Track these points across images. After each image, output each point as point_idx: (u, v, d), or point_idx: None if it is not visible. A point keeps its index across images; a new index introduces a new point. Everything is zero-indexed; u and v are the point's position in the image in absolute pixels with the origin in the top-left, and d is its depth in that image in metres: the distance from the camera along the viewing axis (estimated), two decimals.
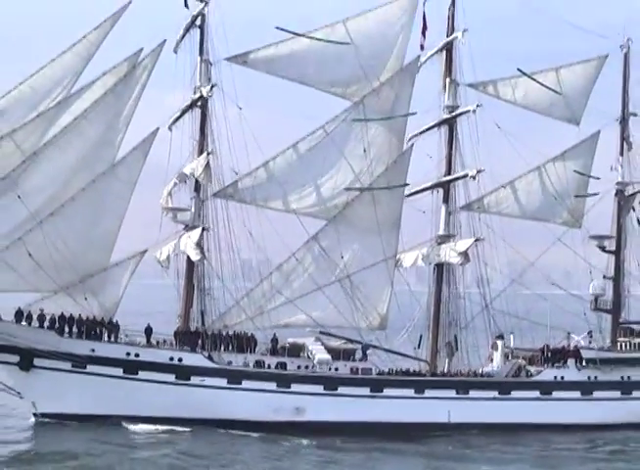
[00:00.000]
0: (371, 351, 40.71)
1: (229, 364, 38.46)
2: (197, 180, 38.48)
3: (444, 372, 41.63)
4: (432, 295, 42.56)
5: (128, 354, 37.21)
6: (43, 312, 36.38)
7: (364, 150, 40.78)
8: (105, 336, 37.15)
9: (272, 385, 38.34)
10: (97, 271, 37.84)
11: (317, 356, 38.69)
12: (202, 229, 37.68)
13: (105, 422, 36.20)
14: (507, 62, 44.88)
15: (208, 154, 38.09)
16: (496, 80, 43.50)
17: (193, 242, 36.95)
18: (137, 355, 37.25)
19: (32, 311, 36.50)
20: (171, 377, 37.53)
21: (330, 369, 39.24)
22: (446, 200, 42.57)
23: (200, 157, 38.00)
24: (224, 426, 36.92)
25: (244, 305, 39.45)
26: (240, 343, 38.71)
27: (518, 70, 42.59)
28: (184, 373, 37.57)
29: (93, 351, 36.73)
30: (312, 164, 40.09)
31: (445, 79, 42.60)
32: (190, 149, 39.53)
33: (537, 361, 42.74)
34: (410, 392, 39.91)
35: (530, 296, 45.21)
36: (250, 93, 39.37)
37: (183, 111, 39.33)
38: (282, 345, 39.47)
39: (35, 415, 36.48)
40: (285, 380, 38.72)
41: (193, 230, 37.50)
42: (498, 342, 42.58)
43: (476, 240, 40.85)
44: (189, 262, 38.32)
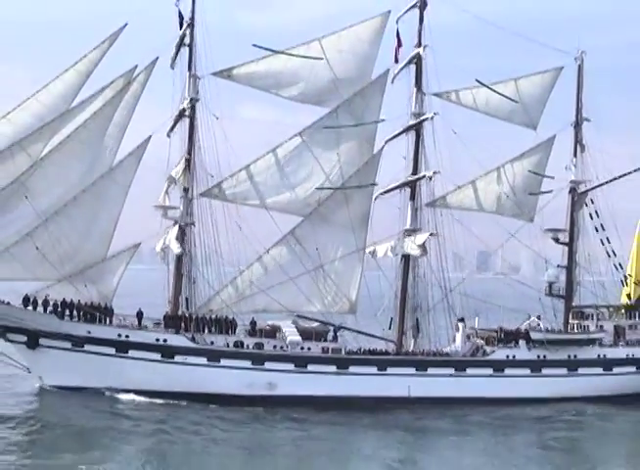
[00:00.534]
0: (341, 332, 41.85)
1: (211, 345, 39.71)
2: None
3: (409, 351, 42.94)
4: (399, 282, 43.87)
5: (120, 336, 38.85)
6: (47, 298, 38.09)
7: (337, 154, 42.38)
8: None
9: (247, 363, 39.69)
10: (95, 263, 39.56)
11: (288, 338, 40.17)
12: (179, 226, 39.66)
13: (99, 394, 38.14)
14: (473, 74, 46.47)
15: (187, 160, 40.06)
16: (459, 90, 45.29)
17: (172, 237, 39.11)
18: (127, 337, 38.92)
19: (38, 297, 38.34)
20: (157, 356, 39.06)
21: (302, 349, 40.52)
22: (413, 197, 44.03)
23: (181, 161, 40.14)
24: (204, 400, 38.21)
25: (227, 292, 41.02)
26: (221, 325, 40.08)
27: (476, 81, 44.21)
28: (168, 352, 39.09)
29: (89, 332, 38.52)
30: (288, 167, 41.77)
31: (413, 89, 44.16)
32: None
33: (493, 342, 43.90)
34: (373, 369, 41.09)
35: (492, 281, 47.32)
36: (239, 103, 41.79)
37: (175, 120, 41.14)
38: (260, 327, 40.80)
39: (40, 387, 38.68)
40: (259, 358, 39.99)
41: (174, 227, 39.63)
42: (459, 324, 44.20)
43: (430, 234, 42.43)
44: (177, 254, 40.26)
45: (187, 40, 40.79)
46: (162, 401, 38.26)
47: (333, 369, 40.75)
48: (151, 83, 40.73)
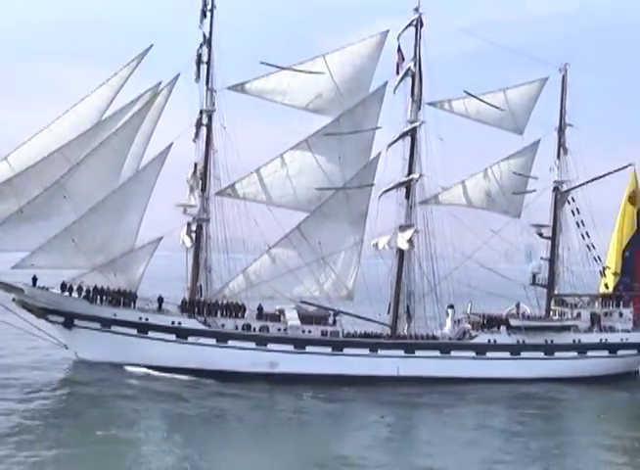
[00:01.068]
0: (340, 316, 44.05)
1: (222, 327, 42.10)
2: (204, 182, 43.26)
3: (401, 335, 45.07)
4: (394, 272, 46.10)
5: (140, 318, 41.47)
6: (81, 285, 40.97)
7: (339, 157, 44.79)
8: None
9: (252, 344, 41.96)
10: (123, 254, 42.10)
11: (289, 322, 42.60)
12: (187, 223, 42.50)
13: (123, 368, 40.69)
14: (466, 85, 49.09)
15: (195, 164, 42.86)
16: (451, 99, 47.59)
17: (184, 233, 42.11)
18: (147, 319, 41.46)
19: (73, 284, 41.15)
20: (173, 337, 41.55)
21: (304, 332, 42.75)
22: (407, 196, 46.31)
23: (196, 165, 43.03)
24: (213, 376, 40.27)
25: (238, 281, 43.48)
26: (231, 310, 42.64)
27: (464, 92, 46.77)
28: (182, 334, 41.58)
29: (115, 315, 41.29)
30: (294, 169, 44.25)
31: (408, 99, 46.40)
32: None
33: (478, 327, 46.02)
34: (365, 351, 43.18)
35: (482, 271, 48.88)
36: (250, 114, 44.84)
37: (196, 128, 43.83)
38: (266, 312, 43.22)
39: (75, 360, 42.00)
40: (262, 340, 42.23)
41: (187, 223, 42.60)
42: (449, 310, 46.43)
43: (415, 230, 44.85)
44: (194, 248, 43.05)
45: (205, 58, 43.44)
46: (177, 377, 40.37)
47: (328, 350, 42.71)
48: (174, 95, 43.51)
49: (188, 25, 43.93)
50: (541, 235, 49.42)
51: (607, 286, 50.46)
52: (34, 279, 41.06)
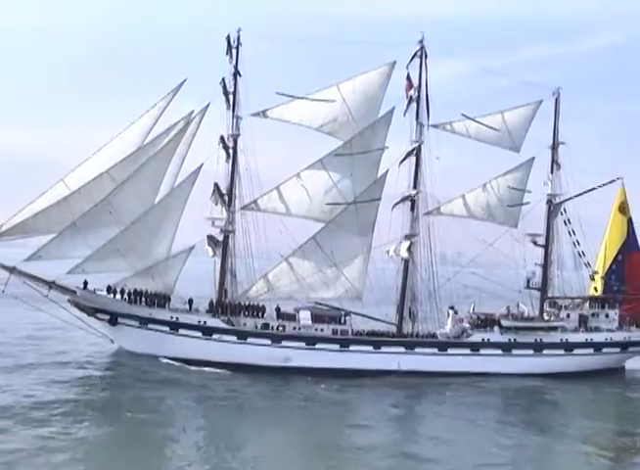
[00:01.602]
0: (350, 316, 46.98)
1: (244, 326, 45.22)
2: (230, 199, 47.27)
3: (406, 333, 47.80)
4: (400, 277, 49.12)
5: (172, 318, 44.73)
6: (123, 288, 44.69)
7: (350, 174, 48.04)
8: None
9: (268, 341, 44.97)
10: (160, 261, 45.52)
11: (301, 322, 45.87)
12: (207, 236, 46.02)
13: (157, 359, 44.09)
14: (466, 107, 52.29)
15: (215, 184, 46.47)
16: (453, 121, 50.70)
17: (206, 245, 45.81)
18: (177, 319, 44.68)
19: (117, 287, 44.99)
20: (199, 334, 44.67)
21: (316, 330, 45.74)
22: (412, 208, 49.53)
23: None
24: (234, 369, 43.08)
25: (260, 284, 46.81)
26: (253, 310, 46.13)
27: (462, 115, 50.07)
28: (207, 332, 44.71)
29: (150, 314, 44.63)
30: (310, 185, 47.73)
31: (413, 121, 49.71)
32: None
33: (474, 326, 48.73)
34: (370, 348, 45.90)
35: (484, 274, 51.56)
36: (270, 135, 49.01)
37: (225, 150, 47.31)
38: (284, 311, 46.41)
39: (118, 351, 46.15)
40: (277, 338, 45.17)
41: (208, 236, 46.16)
42: (450, 311, 48.98)
43: (410, 242, 48.20)
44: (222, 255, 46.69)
45: (231, 88, 47.42)
46: (202, 369, 43.21)
47: (336, 347, 45.51)
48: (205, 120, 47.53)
49: (217, 59, 47.73)
50: (535, 243, 52.19)
51: (596, 289, 53.18)
52: (85, 283, 44.69)
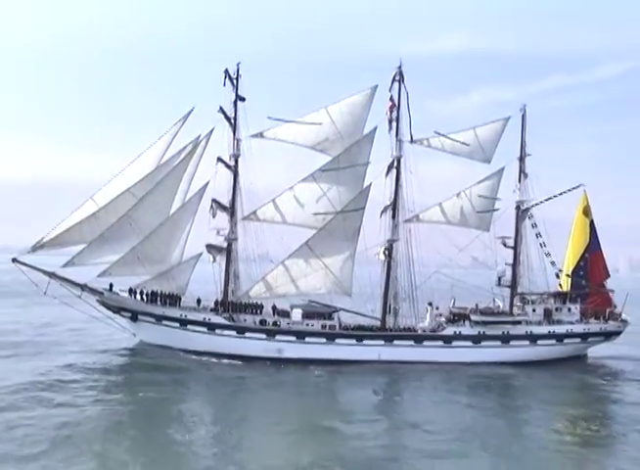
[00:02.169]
0: (339, 313, 51.56)
1: (244, 322, 49.34)
2: (232, 211, 52.70)
3: (387, 327, 51.81)
4: (383, 277, 53.62)
5: (181, 315, 49.26)
6: (142, 290, 49.78)
7: (338, 186, 52.72)
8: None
9: (264, 335, 49.10)
10: (174, 266, 50.20)
11: (292, 318, 50.29)
12: (205, 245, 50.73)
13: (171, 350, 48.37)
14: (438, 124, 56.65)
15: (213, 200, 50.89)
16: (429, 137, 55.34)
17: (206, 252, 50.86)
18: (186, 316, 49.14)
19: (137, 288, 49.94)
20: (205, 329, 48.96)
21: (307, 325, 49.74)
22: (393, 216, 54.36)
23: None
24: (234, 359, 47.05)
25: (260, 285, 51.45)
26: (252, 308, 50.67)
27: (435, 132, 54.83)
28: (211, 327, 48.92)
29: (163, 312, 49.25)
30: (302, 197, 52.66)
31: (393, 138, 54.72)
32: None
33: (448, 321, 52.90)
34: (353, 341, 49.85)
35: (460, 273, 55.44)
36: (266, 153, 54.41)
37: (227, 168, 52.78)
38: (279, 309, 50.94)
39: (138, 343, 51.05)
40: (271, 332, 49.24)
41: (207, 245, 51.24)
42: (428, 307, 53.60)
43: (386, 248, 52.99)
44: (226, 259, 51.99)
45: (231, 114, 52.78)
46: (207, 358, 47.38)
47: (323, 340, 49.48)
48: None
49: (220, 88, 53.22)
50: (505, 245, 56.57)
51: (561, 286, 57.35)
52: (111, 285, 50.12)
